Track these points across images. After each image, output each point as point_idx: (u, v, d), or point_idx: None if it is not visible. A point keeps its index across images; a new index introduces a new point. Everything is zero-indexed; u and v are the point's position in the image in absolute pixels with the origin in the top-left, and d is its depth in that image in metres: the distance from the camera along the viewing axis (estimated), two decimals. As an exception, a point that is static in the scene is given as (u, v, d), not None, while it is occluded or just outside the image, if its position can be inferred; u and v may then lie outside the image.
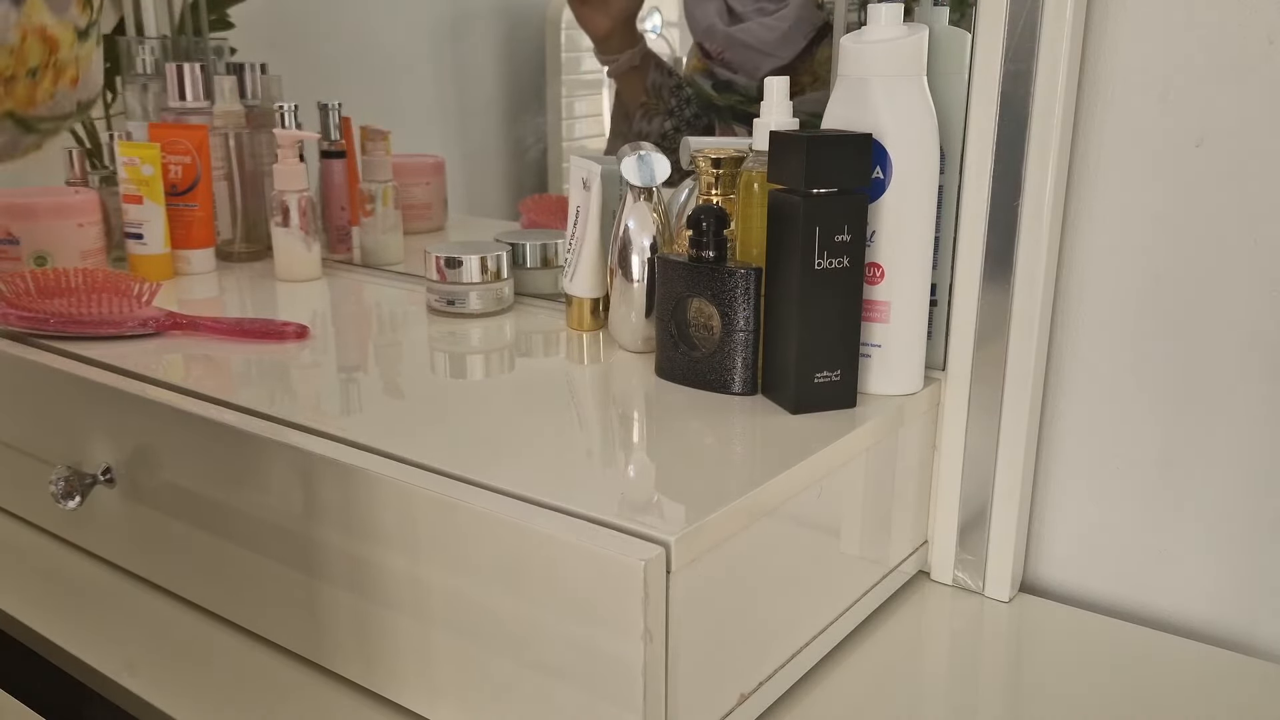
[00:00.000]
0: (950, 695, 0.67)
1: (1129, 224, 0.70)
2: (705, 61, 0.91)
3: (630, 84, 0.97)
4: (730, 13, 0.89)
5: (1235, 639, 0.72)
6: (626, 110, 0.99)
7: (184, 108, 1.14)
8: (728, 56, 0.88)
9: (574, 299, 0.85)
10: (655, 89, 0.95)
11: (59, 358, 0.81)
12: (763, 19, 0.86)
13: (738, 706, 0.59)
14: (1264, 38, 0.64)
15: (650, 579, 0.50)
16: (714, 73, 0.90)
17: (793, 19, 0.83)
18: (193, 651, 0.70)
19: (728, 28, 0.89)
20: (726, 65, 0.89)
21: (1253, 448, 0.69)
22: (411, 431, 0.65)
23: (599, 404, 0.75)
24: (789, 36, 0.84)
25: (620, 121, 1.01)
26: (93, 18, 0.53)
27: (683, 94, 0.94)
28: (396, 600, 0.61)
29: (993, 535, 0.75)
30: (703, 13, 0.91)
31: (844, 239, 0.65)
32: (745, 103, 0.89)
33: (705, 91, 0.91)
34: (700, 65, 0.91)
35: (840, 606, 0.69)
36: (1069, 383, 0.74)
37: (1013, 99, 0.68)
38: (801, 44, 0.83)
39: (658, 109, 0.96)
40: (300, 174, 1.04)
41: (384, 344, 0.87)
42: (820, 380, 0.67)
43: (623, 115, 1.00)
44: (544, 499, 0.55)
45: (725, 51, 0.88)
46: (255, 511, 0.67)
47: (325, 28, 1.29)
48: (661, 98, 0.95)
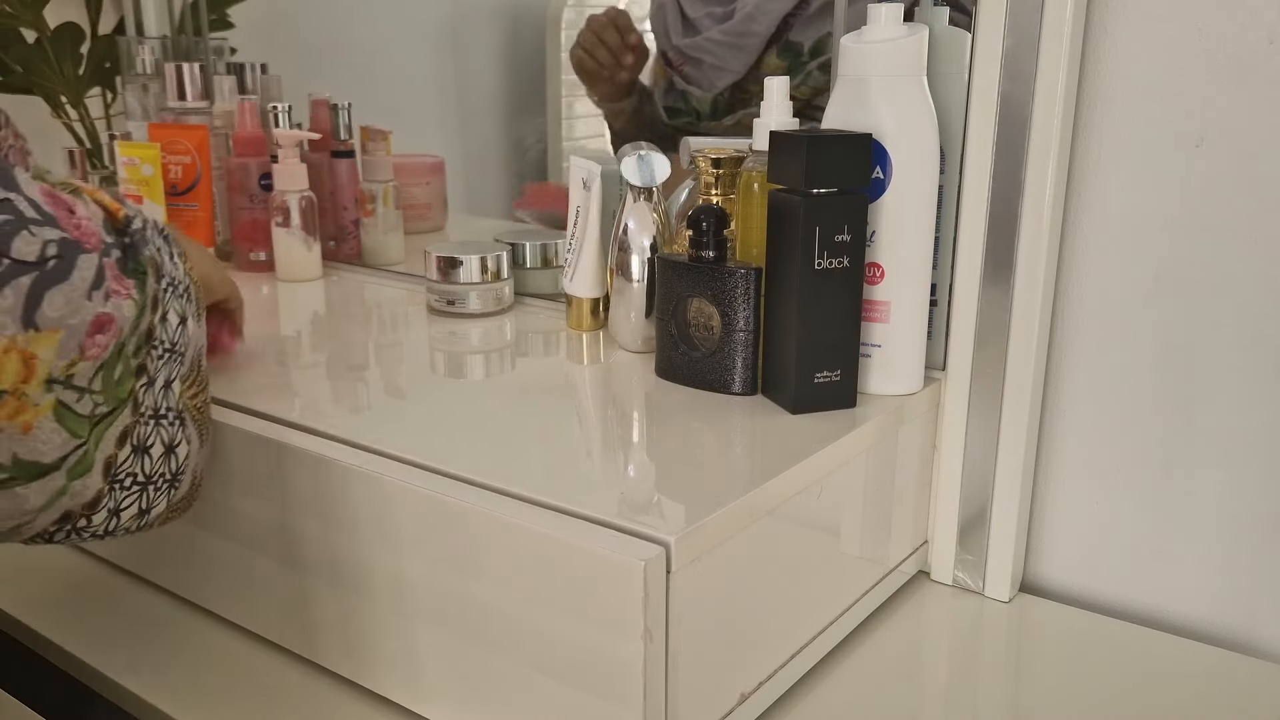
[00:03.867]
0: (950, 695, 0.67)
1: (1129, 224, 0.70)
2: (667, 71, 0.91)
3: (624, 122, 0.97)
4: (685, 23, 0.89)
5: (1235, 639, 0.72)
6: (618, 138, 1.00)
7: (184, 108, 1.14)
8: (686, 70, 0.88)
9: (574, 299, 0.85)
10: (650, 122, 0.95)
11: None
12: (715, 30, 0.86)
13: (738, 706, 0.59)
14: (1264, 38, 0.64)
15: (650, 579, 0.50)
16: (673, 83, 0.90)
17: (740, 30, 0.84)
18: (193, 651, 0.70)
19: (682, 40, 0.89)
20: (685, 77, 0.89)
21: (1253, 448, 0.69)
22: (412, 432, 0.65)
23: (599, 404, 0.75)
24: (741, 48, 0.84)
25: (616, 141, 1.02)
26: (96, 408, 0.51)
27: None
28: (395, 600, 0.61)
29: (993, 535, 0.75)
30: (662, 24, 0.91)
31: (844, 239, 0.65)
32: (694, 121, 0.89)
33: (655, 112, 0.92)
34: (663, 74, 0.92)
35: (840, 606, 0.69)
36: (1069, 383, 0.74)
37: (1013, 99, 0.68)
38: (753, 58, 0.83)
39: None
40: (300, 174, 1.04)
41: (384, 344, 0.87)
42: (820, 380, 0.67)
43: (615, 139, 1.01)
44: (544, 499, 0.55)
45: (684, 64, 0.89)
46: (254, 512, 0.67)
47: (325, 28, 1.29)
48: (655, 130, 0.95)
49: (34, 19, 1.27)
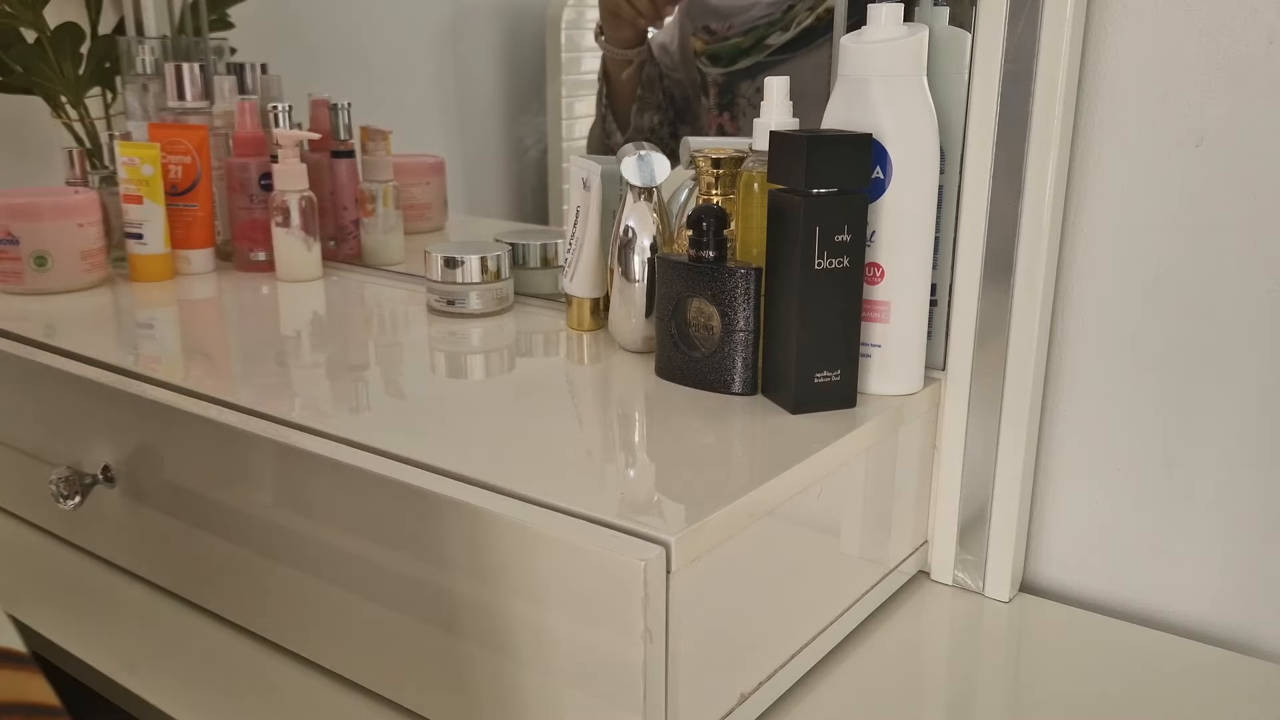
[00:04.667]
0: (950, 695, 0.67)
1: (1129, 224, 0.70)
2: (710, 43, 0.91)
3: (628, 75, 0.97)
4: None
5: (1235, 639, 0.72)
6: (617, 98, 0.99)
7: (183, 108, 1.14)
8: (734, 29, 0.88)
9: (574, 299, 0.85)
10: (649, 82, 0.96)
11: (59, 358, 0.81)
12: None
13: (738, 706, 0.59)
14: (1264, 38, 0.64)
15: (650, 579, 0.50)
16: (716, 54, 0.90)
17: None
18: (193, 651, 0.70)
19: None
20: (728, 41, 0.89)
21: (1253, 447, 0.69)
22: (412, 431, 0.65)
23: (599, 404, 0.75)
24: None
25: (614, 108, 1.01)
26: None
27: (665, 85, 0.94)
28: (395, 599, 0.61)
29: (993, 535, 0.75)
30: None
31: (844, 239, 0.65)
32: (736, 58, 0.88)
33: (654, 71, 0.92)
34: (703, 46, 0.91)
35: (840, 606, 0.69)
36: (1069, 383, 0.74)
37: (1013, 99, 0.68)
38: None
39: (649, 103, 0.97)
40: (300, 174, 1.04)
41: (384, 344, 0.87)
42: (820, 380, 0.67)
43: (612, 102, 1.00)
44: (544, 499, 0.55)
45: (730, 28, 0.89)
46: (254, 511, 0.67)
47: (325, 28, 1.28)
48: (653, 91, 0.95)
49: (34, 19, 1.27)
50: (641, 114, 0.98)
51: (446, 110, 1.20)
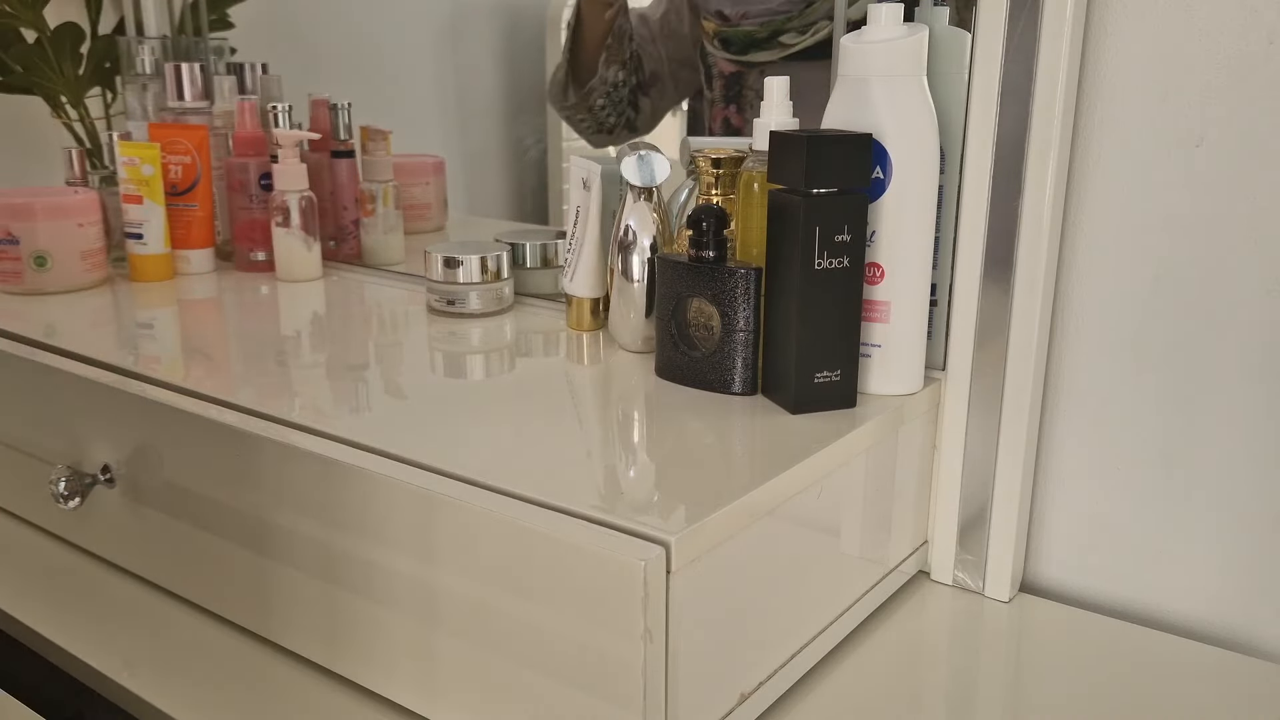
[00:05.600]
0: (950, 695, 0.67)
1: (1129, 224, 0.70)
2: (722, 26, 0.90)
3: (597, 19, 0.96)
4: None
5: (1235, 639, 0.72)
6: (585, 43, 0.98)
7: (183, 108, 1.14)
8: (747, 18, 0.88)
9: (574, 299, 0.86)
10: (619, 34, 0.95)
11: (59, 358, 0.81)
12: None
13: (738, 706, 0.59)
14: (1264, 38, 0.64)
15: (650, 579, 0.50)
16: (727, 38, 0.90)
17: None
18: (193, 651, 0.70)
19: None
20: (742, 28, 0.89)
21: (1253, 447, 0.69)
22: (412, 431, 0.65)
23: (599, 404, 0.75)
24: None
25: (580, 53, 0.99)
26: None
27: (633, 47, 0.94)
28: (396, 599, 0.61)
29: (993, 535, 0.75)
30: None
31: (844, 239, 0.65)
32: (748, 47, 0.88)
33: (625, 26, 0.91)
34: (715, 29, 0.91)
35: (840, 606, 0.69)
36: (1069, 383, 0.74)
37: (1013, 99, 0.68)
38: None
39: (616, 56, 0.96)
40: (300, 174, 1.04)
41: (384, 344, 0.87)
42: (820, 380, 0.67)
43: (579, 46, 0.99)
44: (544, 499, 0.55)
45: (743, 16, 0.88)
46: (254, 511, 0.67)
47: (325, 28, 1.29)
48: (621, 44, 0.95)
49: (34, 19, 1.27)
50: (608, 65, 0.97)
51: (446, 110, 1.20)
